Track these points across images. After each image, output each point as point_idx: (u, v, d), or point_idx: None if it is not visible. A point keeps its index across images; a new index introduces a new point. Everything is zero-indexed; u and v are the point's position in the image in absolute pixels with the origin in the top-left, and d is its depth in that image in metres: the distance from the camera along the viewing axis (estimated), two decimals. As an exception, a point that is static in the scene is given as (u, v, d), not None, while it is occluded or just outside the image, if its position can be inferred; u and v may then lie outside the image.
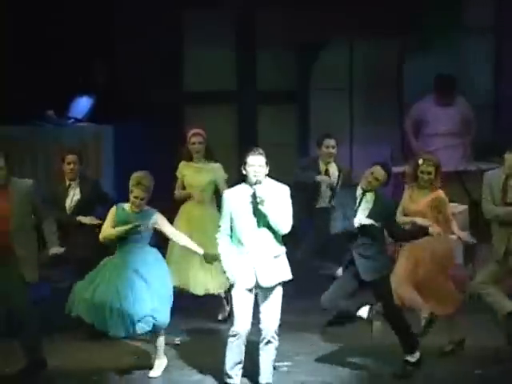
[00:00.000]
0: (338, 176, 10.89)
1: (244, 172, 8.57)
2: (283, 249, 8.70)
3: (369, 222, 9.10)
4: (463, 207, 11.19)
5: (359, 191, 9.24)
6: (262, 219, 8.54)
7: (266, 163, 8.53)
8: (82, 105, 13.94)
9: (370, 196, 9.21)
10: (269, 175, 8.63)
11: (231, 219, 8.63)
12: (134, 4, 12.70)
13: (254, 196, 8.48)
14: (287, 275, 8.67)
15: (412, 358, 9.26)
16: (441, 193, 9.78)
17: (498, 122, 12.97)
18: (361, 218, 9.10)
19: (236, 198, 8.61)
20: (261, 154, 8.53)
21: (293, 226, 8.76)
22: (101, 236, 9.37)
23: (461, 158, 12.83)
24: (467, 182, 11.70)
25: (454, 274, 10.00)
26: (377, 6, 13.00)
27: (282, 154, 12.44)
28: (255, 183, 8.44)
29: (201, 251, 9.30)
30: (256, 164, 8.45)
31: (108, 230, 9.37)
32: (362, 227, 9.09)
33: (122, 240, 9.32)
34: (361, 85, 13.92)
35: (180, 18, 13.31)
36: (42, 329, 9.53)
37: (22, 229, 9.20)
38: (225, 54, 13.69)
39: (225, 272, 8.71)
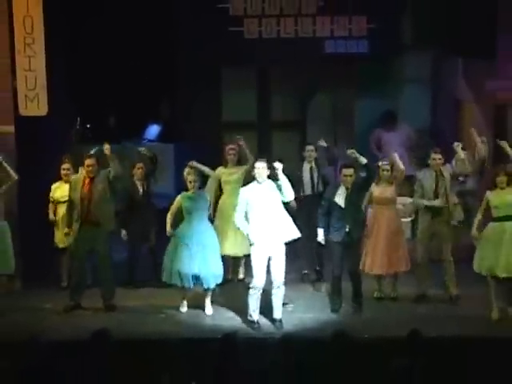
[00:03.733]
0: (319, 173, 10.55)
1: (253, 173, 8.90)
2: (288, 217, 8.89)
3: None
4: (410, 199, 10.90)
5: (343, 190, 9.26)
6: (269, 202, 8.74)
7: (267, 167, 8.81)
8: (153, 130, 14.39)
9: (351, 187, 9.25)
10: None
11: (247, 205, 8.81)
12: (190, 64, 12.72)
13: (273, 169, 8.75)
14: (292, 235, 8.89)
15: (356, 303, 9.39)
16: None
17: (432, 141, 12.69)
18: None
19: (250, 192, 8.86)
20: (264, 160, 8.87)
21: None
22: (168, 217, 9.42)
23: (408, 166, 12.72)
24: (412, 182, 11.17)
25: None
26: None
27: (288, 165, 12.46)
28: (271, 167, 8.74)
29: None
30: (261, 167, 8.80)
31: (169, 215, 9.40)
32: (348, 207, 9.21)
33: (188, 214, 9.40)
34: (341, 117, 13.84)
35: (220, 72, 13.31)
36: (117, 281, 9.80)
37: (103, 203, 9.49)
38: (249, 95, 13.74)
39: (247, 235, 8.89)
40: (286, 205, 9.07)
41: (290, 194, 8.92)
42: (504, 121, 11.56)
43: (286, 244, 8.96)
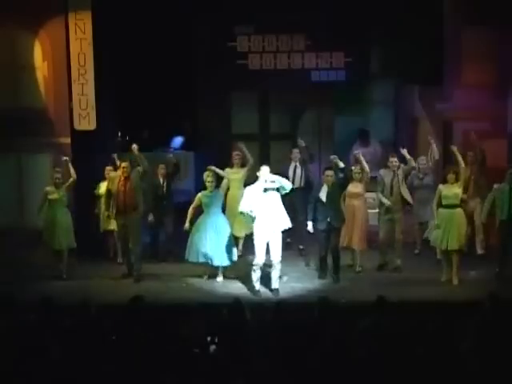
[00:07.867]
0: (301, 170, 10.65)
1: (258, 174, 8.86)
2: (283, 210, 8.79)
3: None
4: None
5: (325, 188, 9.31)
6: (268, 198, 8.68)
7: (269, 170, 8.83)
8: (178, 141, 14.24)
9: (331, 186, 9.32)
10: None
11: (251, 200, 8.76)
12: (207, 89, 12.76)
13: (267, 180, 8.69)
14: (287, 225, 8.85)
15: (335, 275, 9.43)
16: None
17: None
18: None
19: (253, 190, 8.82)
20: (267, 165, 8.90)
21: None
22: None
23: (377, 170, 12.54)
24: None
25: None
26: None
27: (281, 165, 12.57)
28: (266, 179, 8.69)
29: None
30: (265, 170, 8.80)
31: (191, 209, 9.46)
32: (329, 201, 9.25)
33: (206, 208, 9.43)
34: (324, 131, 13.76)
35: (230, 95, 13.34)
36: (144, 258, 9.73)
37: (136, 197, 9.50)
38: (252, 113, 13.68)
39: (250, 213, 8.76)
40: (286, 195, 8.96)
41: (288, 185, 8.83)
42: (450, 134, 11.57)
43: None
